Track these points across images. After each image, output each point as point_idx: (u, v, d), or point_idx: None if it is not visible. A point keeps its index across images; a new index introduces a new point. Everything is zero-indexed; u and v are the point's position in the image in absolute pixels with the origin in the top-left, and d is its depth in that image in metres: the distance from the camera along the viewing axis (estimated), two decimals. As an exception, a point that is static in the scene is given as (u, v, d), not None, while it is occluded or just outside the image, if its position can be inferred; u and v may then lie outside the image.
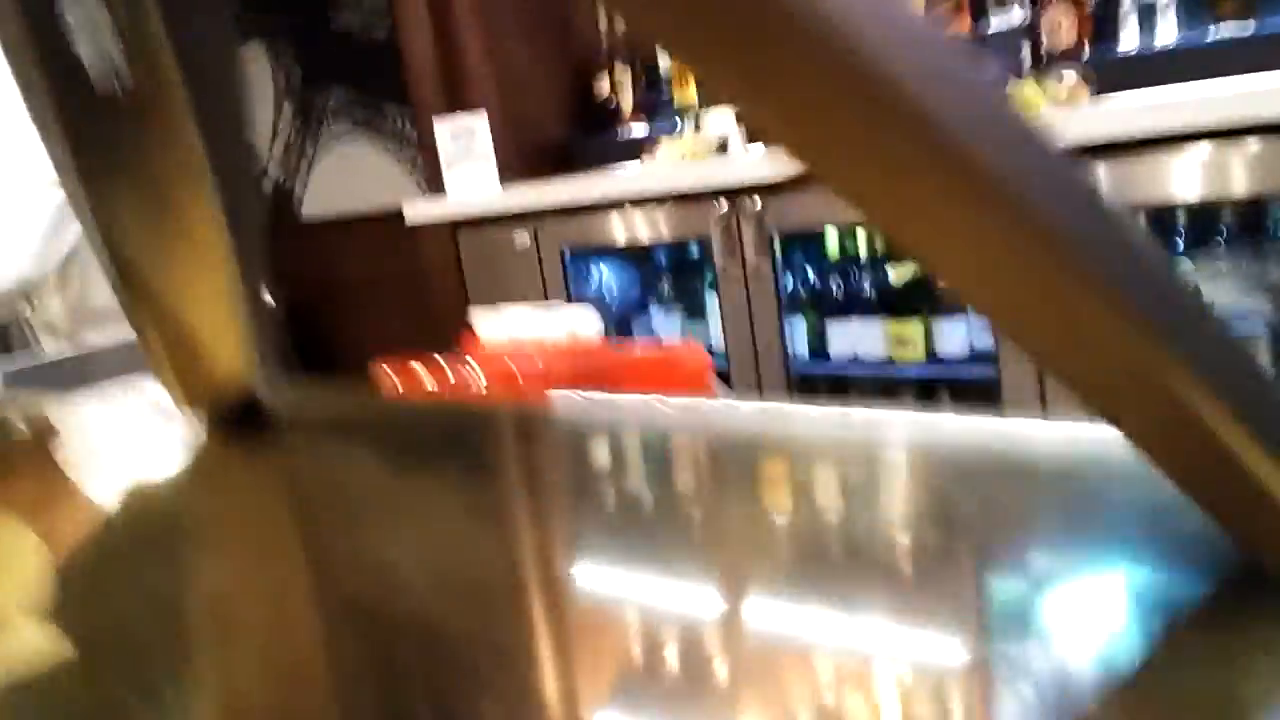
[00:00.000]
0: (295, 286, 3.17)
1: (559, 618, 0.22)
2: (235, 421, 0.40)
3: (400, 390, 0.60)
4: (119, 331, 1.45)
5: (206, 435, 0.41)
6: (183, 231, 0.34)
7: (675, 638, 0.20)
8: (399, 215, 2.46)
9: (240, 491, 0.37)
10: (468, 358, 0.64)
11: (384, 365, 0.64)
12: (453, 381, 0.62)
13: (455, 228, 2.40)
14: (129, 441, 0.47)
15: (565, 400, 0.47)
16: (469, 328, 0.72)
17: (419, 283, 2.66)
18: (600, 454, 0.38)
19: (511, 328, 0.71)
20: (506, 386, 0.60)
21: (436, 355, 0.65)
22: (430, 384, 0.60)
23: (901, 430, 0.32)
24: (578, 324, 0.72)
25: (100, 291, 1.50)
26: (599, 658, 0.20)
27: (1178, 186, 1.50)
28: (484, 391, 0.61)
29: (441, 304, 2.52)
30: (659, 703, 0.18)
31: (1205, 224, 1.72)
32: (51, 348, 1.61)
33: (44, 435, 0.49)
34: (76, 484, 0.42)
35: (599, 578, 0.25)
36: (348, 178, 3.25)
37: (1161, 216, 1.74)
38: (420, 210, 2.45)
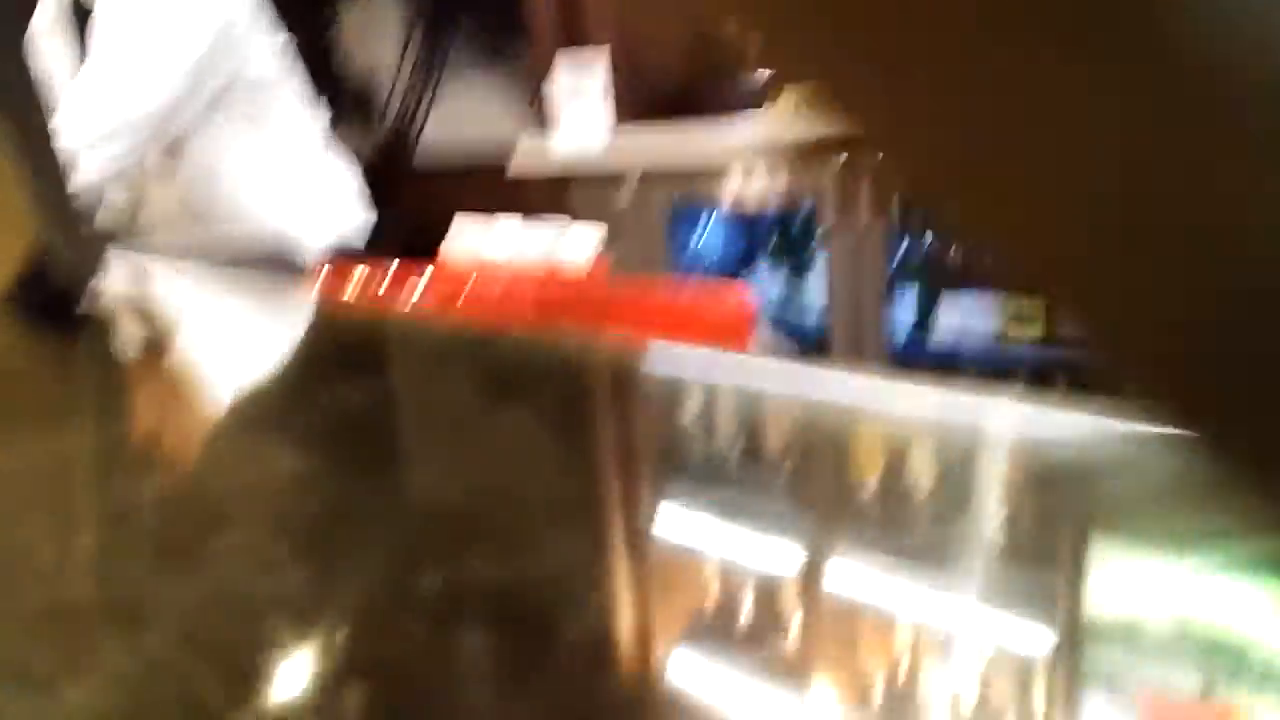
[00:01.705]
0: (408, 215, 3.21)
1: None
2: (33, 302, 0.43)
3: (324, 291, 0.55)
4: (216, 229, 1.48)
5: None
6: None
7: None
8: (511, 151, 2.44)
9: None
10: (424, 271, 0.59)
11: (329, 263, 0.60)
12: (381, 292, 0.57)
13: (564, 167, 2.36)
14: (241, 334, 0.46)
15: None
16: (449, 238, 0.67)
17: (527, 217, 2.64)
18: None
19: (496, 242, 0.65)
20: (452, 306, 0.54)
21: (391, 263, 0.60)
22: (354, 290, 0.56)
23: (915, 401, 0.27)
24: (572, 247, 0.64)
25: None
26: None
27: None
28: (413, 308, 0.55)
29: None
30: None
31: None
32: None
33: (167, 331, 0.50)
34: (197, 378, 0.41)
35: None
36: (465, 112, 3.25)
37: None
38: (530, 148, 2.42)
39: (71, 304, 0.46)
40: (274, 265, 1.41)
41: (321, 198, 1.59)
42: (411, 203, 3.36)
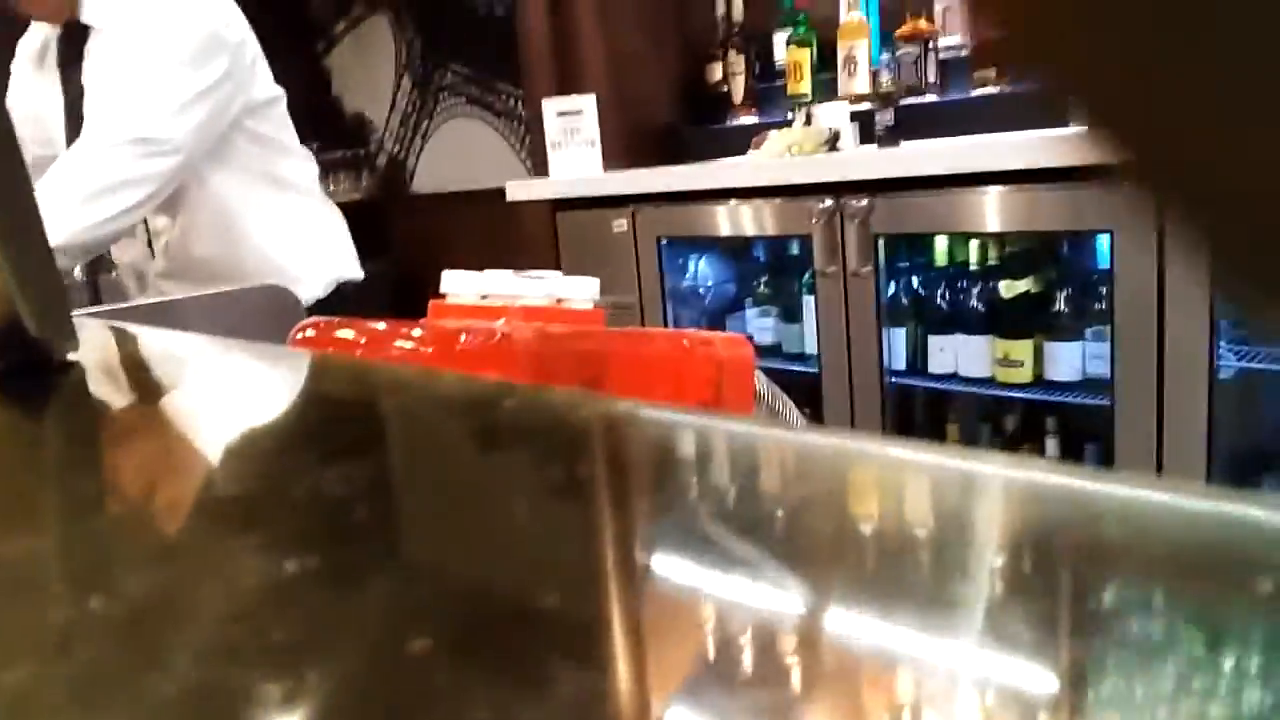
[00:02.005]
0: (402, 258, 3.21)
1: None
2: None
3: (313, 346, 0.55)
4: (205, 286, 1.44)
5: None
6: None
7: None
8: (503, 193, 2.45)
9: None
10: (414, 325, 0.58)
11: (314, 319, 0.60)
12: (362, 343, 0.56)
13: (555, 208, 2.38)
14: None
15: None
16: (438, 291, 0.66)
17: (518, 261, 2.65)
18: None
19: (485, 290, 0.65)
20: (443, 360, 0.54)
21: (376, 319, 0.60)
22: (344, 345, 0.55)
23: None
24: (569, 292, 0.64)
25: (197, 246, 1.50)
26: None
27: None
28: (394, 359, 0.55)
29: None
30: None
31: None
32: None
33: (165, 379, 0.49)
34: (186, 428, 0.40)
35: None
36: (458, 153, 3.27)
37: None
38: (522, 188, 2.43)
39: (43, 371, 0.45)
40: (266, 317, 1.36)
41: (316, 249, 1.57)
42: (403, 251, 3.36)
